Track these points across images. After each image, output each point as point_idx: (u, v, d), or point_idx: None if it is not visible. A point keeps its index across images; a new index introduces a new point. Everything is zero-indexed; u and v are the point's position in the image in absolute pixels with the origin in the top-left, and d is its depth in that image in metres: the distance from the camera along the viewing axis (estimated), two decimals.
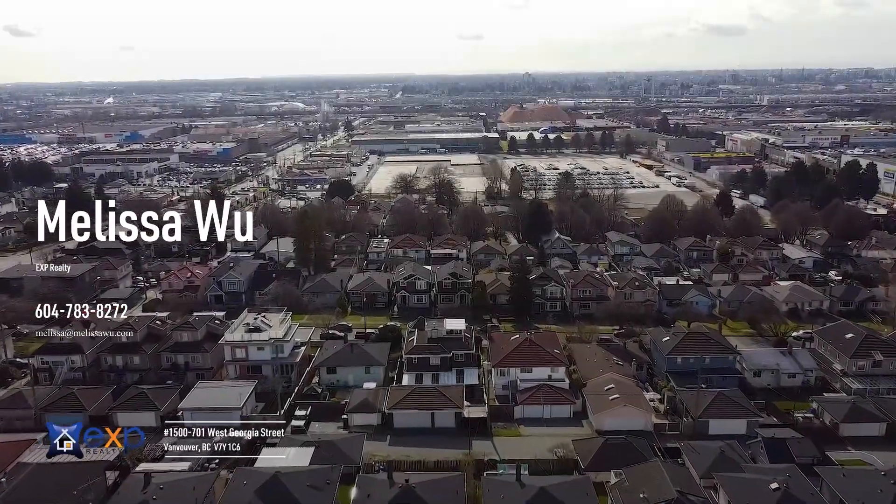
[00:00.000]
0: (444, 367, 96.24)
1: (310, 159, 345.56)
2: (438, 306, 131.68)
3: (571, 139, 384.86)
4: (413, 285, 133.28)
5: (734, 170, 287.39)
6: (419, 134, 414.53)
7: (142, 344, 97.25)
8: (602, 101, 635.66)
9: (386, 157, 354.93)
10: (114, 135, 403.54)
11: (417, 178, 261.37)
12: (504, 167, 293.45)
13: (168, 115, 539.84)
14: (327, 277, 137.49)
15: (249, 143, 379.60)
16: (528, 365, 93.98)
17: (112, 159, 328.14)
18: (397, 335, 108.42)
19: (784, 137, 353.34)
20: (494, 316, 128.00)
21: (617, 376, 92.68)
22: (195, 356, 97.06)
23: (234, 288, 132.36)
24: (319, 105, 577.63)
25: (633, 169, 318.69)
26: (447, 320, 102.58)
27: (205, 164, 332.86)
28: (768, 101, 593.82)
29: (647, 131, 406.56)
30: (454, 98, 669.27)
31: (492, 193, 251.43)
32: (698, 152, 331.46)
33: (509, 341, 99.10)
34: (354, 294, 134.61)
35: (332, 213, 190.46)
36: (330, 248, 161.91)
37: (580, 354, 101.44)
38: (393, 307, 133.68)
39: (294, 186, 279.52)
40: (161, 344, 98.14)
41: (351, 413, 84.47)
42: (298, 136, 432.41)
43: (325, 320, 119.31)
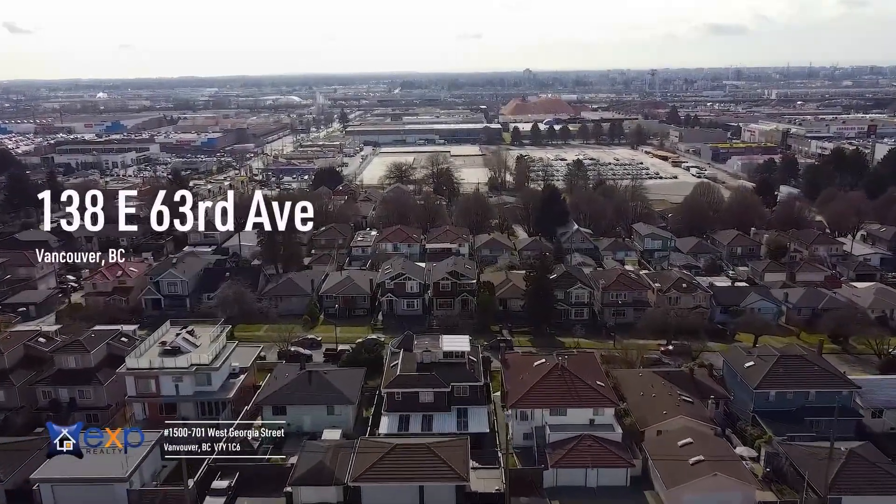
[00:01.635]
0: (439, 405, 65.84)
1: (300, 149, 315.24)
2: (434, 314, 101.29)
3: (578, 130, 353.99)
4: (402, 287, 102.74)
5: (758, 160, 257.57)
6: (417, 125, 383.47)
7: (10, 371, 66.65)
8: (605, 96, 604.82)
9: (381, 148, 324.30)
10: (94, 125, 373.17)
11: (414, 168, 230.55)
12: (508, 158, 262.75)
13: (159, 109, 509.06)
14: (295, 277, 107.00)
15: (237, 134, 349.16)
16: (561, 404, 63.56)
17: (87, 149, 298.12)
18: (377, 356, 77.90)
19: (806, 127, 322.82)
20: (505, 326, 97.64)
21: (690, 422, 62.23)
22: (85, 389, 66.56)
23: (175, 290, 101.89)
24: (315, 98, 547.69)
25: (647, 160, 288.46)
26: (444, 338, 72.03)
27: (187, 155, 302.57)
28: (776, 95, 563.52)
29: (656, 123, 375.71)
30: (454, 93, 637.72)
31: (495, 184, 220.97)
32: (715, 143, 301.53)
33: (532, 367, 68.53)
34: (328, 298, 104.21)
35: (311, 201, 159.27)
36: (304, 241, 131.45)
37: (629, 385, 70.94)
38: (377, 315, 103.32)
39: (279, 177, 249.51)
40: (38, 372, 67.56)
41: (297, 486, 53.95)
42: (291, 127, 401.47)
43: (285, 333, 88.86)
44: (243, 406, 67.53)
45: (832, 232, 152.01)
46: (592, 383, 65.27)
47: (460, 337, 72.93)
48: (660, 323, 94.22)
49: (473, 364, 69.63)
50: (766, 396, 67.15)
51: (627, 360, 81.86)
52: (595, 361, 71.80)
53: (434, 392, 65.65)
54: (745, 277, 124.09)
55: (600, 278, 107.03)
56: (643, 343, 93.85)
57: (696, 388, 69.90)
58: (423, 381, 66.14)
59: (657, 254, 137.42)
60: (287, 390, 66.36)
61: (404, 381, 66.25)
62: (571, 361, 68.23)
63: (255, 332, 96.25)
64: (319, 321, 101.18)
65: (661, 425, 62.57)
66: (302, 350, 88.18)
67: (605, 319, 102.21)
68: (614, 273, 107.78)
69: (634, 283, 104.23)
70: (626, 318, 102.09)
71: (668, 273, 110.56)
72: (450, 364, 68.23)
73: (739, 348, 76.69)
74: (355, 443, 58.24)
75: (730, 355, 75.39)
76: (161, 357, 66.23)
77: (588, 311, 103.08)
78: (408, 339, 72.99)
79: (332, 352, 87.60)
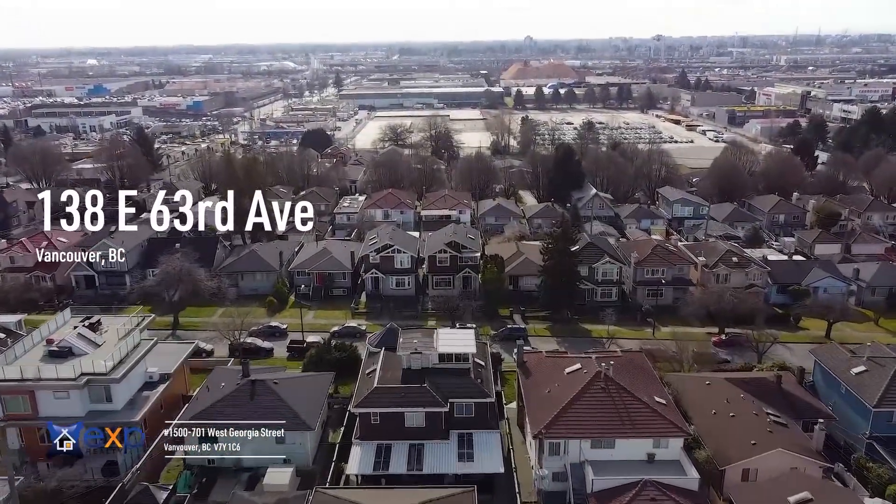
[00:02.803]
0: (433, 431, 45.92)
1: (290, 113, 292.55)
2: (429, 294, 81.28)
3: (584, 94, 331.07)
4: (390, 261, 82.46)
5: (780, 123, 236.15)
6: (415, 89, 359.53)
7: None
8: (608, 62, 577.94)
9: (377, 112, 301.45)
10: (75, 88, 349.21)
11: (410, 131, 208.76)
12: (511, 121, 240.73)
13: (149, 75, 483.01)
14: (260, 249, 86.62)
15: (225, 98, 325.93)
16: (608, 432, 43.64)
17: (65, 112, 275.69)
18: (352, 354, 57.77)
19: (826, 90, 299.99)
20: (517, 310, 77.81)
21: (793, 458, 42.41)
22: None
23: (112, 265, 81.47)
24: (310, 63, 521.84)
25: (659, 123, 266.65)
26: (441, 333, 51.77)
27: (171, 119, 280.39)
28: (785, 61, 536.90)
29: (666, 87, 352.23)
30: (453, 59, 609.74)
31: (498, 148, 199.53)
32: (730, 106, 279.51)
33: (563, 376, 48.45)
34: (300, 275, 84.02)
35: (291, 163, 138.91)
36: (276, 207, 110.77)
37: (693, 398, 50.87)
38: (359, 295, 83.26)
39: (267, 140, 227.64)
40: None
41: None
42: (283, 92, 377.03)
43: (242, 318, 68.45)
44: (161, 428, 47.52)
45: (882, 198, 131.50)
46: (650, 400, 45.26)
47: (462, 332, 52.79)
48: (709, 306, 74.25)
49: (481, 370, 49.53)
50: (890, 418, 47.28)
51: (676, 359, 61.87)
52: (647, 365, 51.67)
53: (426, 413, 45.71)
54: (791, 250, 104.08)
55: (630, 251, 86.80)
56: (688, 331, 74.30)
57: (787, 402, 49.88)
58: (411, 397, 46.14)
59: (687, 222, 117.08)
60: (220, 408, 46.34)
61: (384, 396, 46.24)
62: (616, 366, 48.07)
63: (207, 317, 76.25)
64: (289, 303, 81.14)
65: (752, 462, 42.82)
66: (259, 342, 68.31)
67: (638, 301, 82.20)
68: (648, 244, 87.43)
69: (674, 257, 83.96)
70: (664, 300, 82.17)
71: (713, 244, 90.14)
72: (448, 371, 48.18)
73: (838, 347, 56.33)
74: (308, 497, 38.40)
75: (825, 355, 55.16)
76: (41, 363, 46.13)
77: (617, 290, 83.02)
78: (390, 333, 52.82)
79: (298, 344, 67.59)
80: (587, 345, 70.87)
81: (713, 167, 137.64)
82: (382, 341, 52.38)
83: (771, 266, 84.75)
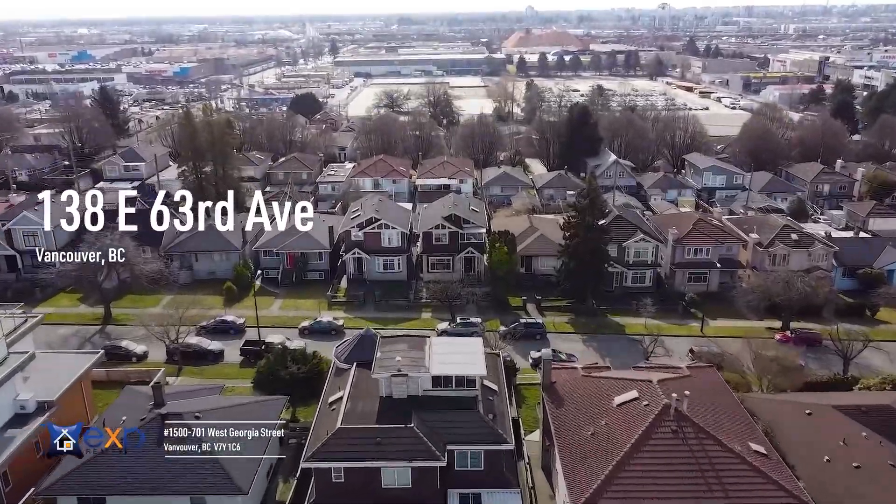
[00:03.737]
0: (423, 494, 30.54)
1: (283, 80, 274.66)
2: (424, 279, 65.80)
3: (590, 62, 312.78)
4: (376, 239, 66.69)
5: (801, 89, 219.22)
6: (413, 56, 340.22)
7: None
8: (611, 31, 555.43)
9: (373, 79, 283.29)
10: (59, 55, 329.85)
11: (408, 98, 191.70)
12: (515, 88, 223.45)
13: (139, 43, 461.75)
14: (220, 224, 70.60)
15: (215, 65, 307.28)
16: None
17: (45, 79, 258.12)
18: (316, 368, 42.11)
19: (845, 56, 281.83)
20: (531, 298, 62.44)
21: None
22: None
23: (34, 243, 65.83)
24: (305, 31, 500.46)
25: (671, 91, 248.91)
26: (435, 344, 36.11)
27: (156, 86, 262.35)
28: (794, 30, 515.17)
29: (674, 54, 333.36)
30: (453, 28, 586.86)
31: (501, 115, 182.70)
32: (745, 73, 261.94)
33: (610, 407, 32.99)
34: (268, 255, 68.33)
35: (271, 127, 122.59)
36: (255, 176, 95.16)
37: (787, 435, 35.36)
38: (339, 280, 67.75)
39: (255, 108, 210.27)
40: None
41: None
42: (276, 59, 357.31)
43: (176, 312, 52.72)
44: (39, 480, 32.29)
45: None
46: (744, 450, 29.89)
47: (466, 342, 37.25)
48: (772, 295, 58.78)
49: (493, 399, 34.13)
50: None
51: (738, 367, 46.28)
52: (724, 388, 36.30)
53: (413, 469, 30.33)
54: (842, 224, 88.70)
55: (665, 226, 71.15)
56: (745, 326, 59.29)
57: None
58: (391, 444, 30.78)
59: (720, 192, 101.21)
60: (101, 467, 31.02)
61: (351, 442, 30.86)
62: (689, 390, 32.59)
63: (150, 306, 60.79)
64: (253, 289, 65.47)
65: None
66: (206, 343, 52.85)
67: (677, 285, 66.74)
68: (688, 218, 71.65)
69: (721, 234, 68.24)
70: (709, 286, 66.73)
71: (765, 218, 74.42)
72: (446, 401, 32.83)
73: None
74: None
75: None
76: None
77: (652, 275, 67.50)
78: (365, 343, 37.33)
79: (254, 346, 52.14)
80: (624, 347, 55.70)
81: (744, 133, 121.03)
82: (354, 354, 36.98)
83: (839, 245, 69.10)
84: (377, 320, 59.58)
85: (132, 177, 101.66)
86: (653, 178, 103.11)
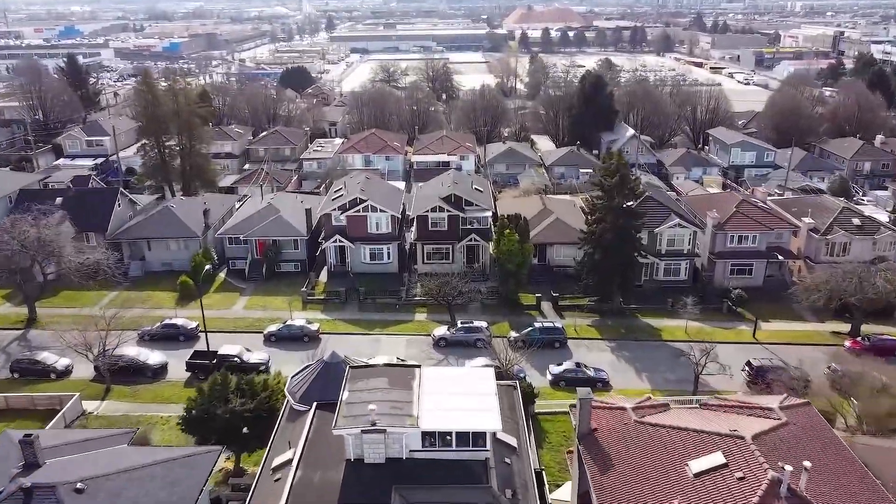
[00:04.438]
0: None
1: (276, 55, 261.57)
2: (418, 272, 54.79)
3: (595, 38, 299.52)
4: (361, 224, 55.50)
5: (817, 64, 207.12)
6: (412, 31, 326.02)
7: None
8: (614, 8, 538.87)
9: (370, 55, 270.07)
10: (45, 30, 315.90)
11: (406, 74, 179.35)
12: (518, 64, 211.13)
13: (133, 20, 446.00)
14: (178, 206, 59.32)
15: (207, 40, 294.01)
16: None
17: (28, 54, 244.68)
18: (268, 401, 30.97)
19: (860, 31, 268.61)
20: (547, 296, 51.45)
21: None
22: None
23: None
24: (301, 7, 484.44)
25: (680, 67, 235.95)
26: (427, 379, 24.97)
27: (144, 61, 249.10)
28: (801, 7, 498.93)
29: (681, 30, 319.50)
30: (453, 6, 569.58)
31: (504, 91, 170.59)
32: (756, 48, 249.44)
33: (684, 476, 22.00)
34: (234, 243, 57.16)
35: (254, 99, 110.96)
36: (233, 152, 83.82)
37: None
38: (317, 272, 56.72)
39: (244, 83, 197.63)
40: None
41: None
42: (271, 35, 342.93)
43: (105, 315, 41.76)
44: None
45: None
46: None
47: (472, 376, 26.21)
48: (842, 293, 47.75)
49: (511, 463, 23.23)
50: None
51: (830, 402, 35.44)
52: (837, 444, 25.32)
53: None
54: (888, 206, 77.85)
55: (702, 208, 60.03)
56: (802, 330, 48.66)
57: None
58: None
59: (749, 171, 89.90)
60: None
61: None
62: (793, 445, 21.75)
63: (88, 305, 49.84)
64: (215, 284, 54.60)
65: None
66: (144, 356, 41.83)
67: (718, 277, 55.75)
68: (729, 200, 60.36)
69: (769, 218, 57.07)
70: (753, 280, 55.78)
71: (818, 201, 63.22)
72: (442, 467, 21.94)
73: None
74: None
75: None
76: None
77: (687, 267, 56.49)
78: (328, 374, 26.30)
79: (203, 358, 41.15)
80: (664, 358, 44.84)
81: (771, 106, 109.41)
82: (314, 389, 26.06)
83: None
84: (361, 323, 48.70)
85: (96, 153, 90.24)
86: (674, 155, 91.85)
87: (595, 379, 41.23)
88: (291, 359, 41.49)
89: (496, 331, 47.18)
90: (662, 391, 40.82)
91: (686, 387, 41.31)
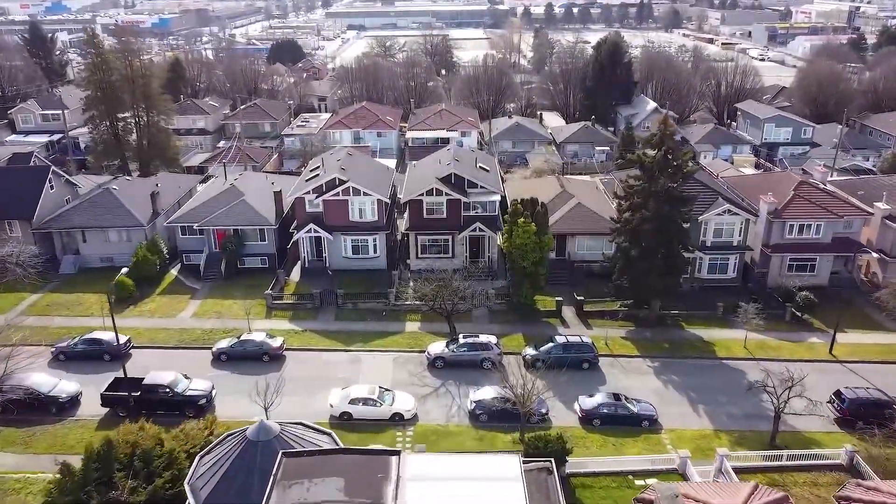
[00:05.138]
0: None
1: (268, 31, 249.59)
2: (411, 268, 44.38)
3: (600, 13, 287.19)
4: (342, 210, 45.02)
5: (836, 40, 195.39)
6: (411, 6, 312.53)
7: None
8: None
9: (367, 31, 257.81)
10: (31, 5, 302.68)
11: (404, 50, 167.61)
12: (522, 39, 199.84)
13: None
14: (120, 190, 48.78)
15: (197, 16, 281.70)
16: None
17: (11, 30, 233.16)
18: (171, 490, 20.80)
19: (877, 6, 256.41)
20: (570, 300, 41.13)
21: None
22: None
23: None
24: None
25: (689, 43, 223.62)
26: (409, 470, 14.82)
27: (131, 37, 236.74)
28: None
29: (689, 6, 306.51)
30: None
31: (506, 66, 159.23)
32: (768, 23, 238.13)
33: None
34: (188, 233, 46.70)
35: (232, 71, 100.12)
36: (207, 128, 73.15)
37: None
38: (289, 269, 46.35)
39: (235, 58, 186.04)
40: None
41: None
42: (265, 12, 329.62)
43: None
44: None
45: None
46: None
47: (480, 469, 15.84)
48: None
49: None
50: None
51: None
52: None
53: None
54: None
55: (751, 191, 49.54)
56: (887, 343, 38.51)
57: None
58: None
59: (783, 149, 79.25)
60: None
61: None
62: None
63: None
64: (162, 285, 44.28)
65: None
66: (48, 385, 31.53)
67: (773, 279, 45.42)
68: (786, 181, 49.79)
69: (834, 203, 46.61)
70: (816, 278, 45.46)
71: (885, 182, 52.69)
72: None
73: None
74: None
75: None
76: None
77: (736, 262, 46.20)
78: (249, 459, 15.99)
79: (125, 388, 30.89)
80: (725, 386, 34.48)
81: (802, 79, 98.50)
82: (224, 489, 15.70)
83: None
84: (338, 336, 38.46)
85: (51, 128, 79.52)
86: (701, 132, 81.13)
87: (640, 416, 31.12)
88: (244, 387, 31.39)
89: (507, 345, 37.06)
90: (728, 433, 30.77)
91: (758, 425, 31.27)
